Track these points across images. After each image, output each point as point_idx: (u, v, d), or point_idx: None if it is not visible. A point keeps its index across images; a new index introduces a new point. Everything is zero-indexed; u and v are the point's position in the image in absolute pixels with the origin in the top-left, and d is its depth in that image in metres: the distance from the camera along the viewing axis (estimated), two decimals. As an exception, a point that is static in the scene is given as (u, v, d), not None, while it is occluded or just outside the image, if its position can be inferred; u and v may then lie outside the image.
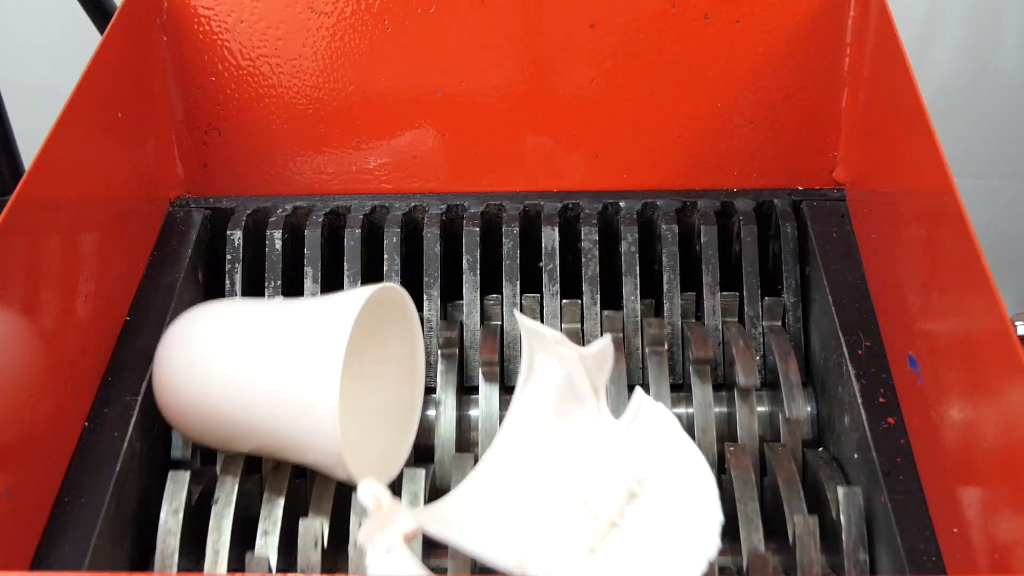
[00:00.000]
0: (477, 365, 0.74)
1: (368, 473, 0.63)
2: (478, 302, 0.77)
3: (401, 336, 0.72)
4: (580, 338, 0.76)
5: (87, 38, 0.90)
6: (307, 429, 0.62)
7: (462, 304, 0.77)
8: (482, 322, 0.77)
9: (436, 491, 0.69)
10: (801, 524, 0.62)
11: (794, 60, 0.80)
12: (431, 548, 0.66)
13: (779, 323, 0.76)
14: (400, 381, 0.73)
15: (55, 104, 0.66)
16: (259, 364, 0.65)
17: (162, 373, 0.67)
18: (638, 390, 0.66)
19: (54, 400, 0.63)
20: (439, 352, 0.74)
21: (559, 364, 0.66)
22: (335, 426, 0.60)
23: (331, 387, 0.61)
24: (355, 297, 0.64)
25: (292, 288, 0.78)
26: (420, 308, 0.77)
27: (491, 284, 0.78)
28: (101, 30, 0.94)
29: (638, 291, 0.77)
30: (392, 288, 0.69)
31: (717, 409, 0.72)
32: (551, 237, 0.78)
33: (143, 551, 0.66)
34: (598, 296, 0.77)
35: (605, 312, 0.77)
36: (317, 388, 0.61)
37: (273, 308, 0.69)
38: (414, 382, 0.73)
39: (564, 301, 0.77)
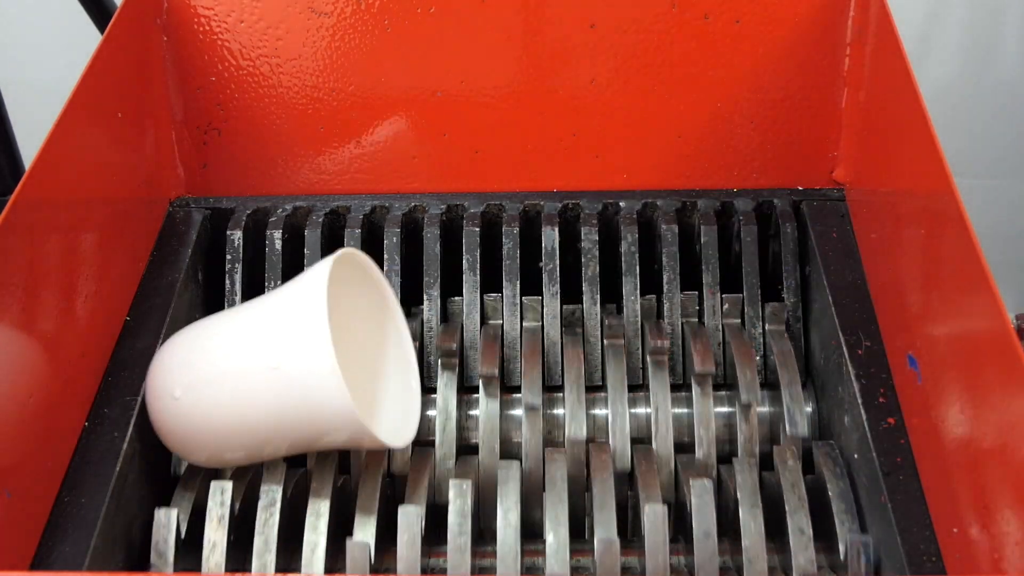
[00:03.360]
0: (476, 364, 0.74)
1: (384, 434, 0.64)
2: (478, 302, 0.77)
3: (377, 306, 0.72)
4: (580, 341, 0.76)
5: (87, 38, 0.90)
6: (316, 386, 0.62)
7: (461, 303, 0.77)
8: (482, 322, 0.77)
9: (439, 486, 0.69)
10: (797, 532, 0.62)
11: (794, 60, 0.80)
12: (431, 548, 0.66)
13: (782, 327, 0.76)
14: (389, 347, 0.73)
15: (55, 103, 0.66)
16: (253, 353, 0.65)
17: (158, 410, 0.67)
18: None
19: (54, 400, 0.63)
20: (439, 355, 0.74)
21: None
22: (337, 375, 0.61)
23: (323, 331, 0.61)
24: (322, 264, 0.65)
25: (292, 288, 0.78)
26: (420, 308, 0.77)
27: (491, 284, 0.78)
28: (101, 30, 0.93)
29: (638, 291, 0.77)
30: (354, 254, 0.69)
31: (718, 409, 0.72)
32: (551, 237, 0.78)
33: (143, 551, 0.66)
34: (598, 296, 0.77)
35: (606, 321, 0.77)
36: (313, 343, 0.61)
37: (241, 310, 0.69)
38: (401, 340, 0.73)
39: (565, 307, 0.76)
